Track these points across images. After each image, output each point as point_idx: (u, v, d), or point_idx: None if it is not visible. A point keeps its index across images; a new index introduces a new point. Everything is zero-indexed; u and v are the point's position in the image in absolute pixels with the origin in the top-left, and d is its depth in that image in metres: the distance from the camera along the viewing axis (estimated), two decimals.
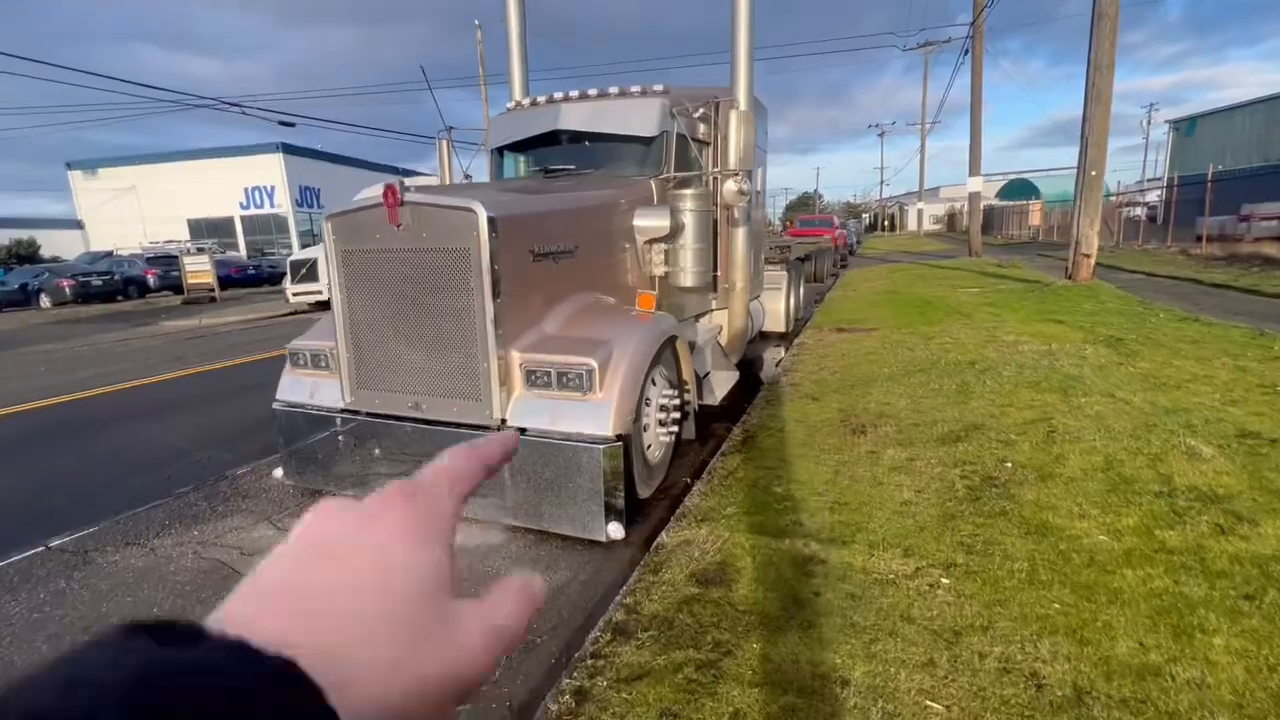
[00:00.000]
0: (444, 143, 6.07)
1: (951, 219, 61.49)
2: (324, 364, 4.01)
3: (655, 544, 3.14)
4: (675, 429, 3.96)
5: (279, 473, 4.20)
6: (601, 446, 3.22)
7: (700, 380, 4.90)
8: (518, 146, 5.69)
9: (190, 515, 3.94)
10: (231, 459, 4.91)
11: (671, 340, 4.08)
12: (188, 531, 3.73)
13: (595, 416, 3.31)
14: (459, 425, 3.55)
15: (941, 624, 2.22)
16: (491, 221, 3.25)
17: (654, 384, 3.90)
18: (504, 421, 3.45)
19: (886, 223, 75.21)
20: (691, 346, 4.87)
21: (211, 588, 3.09)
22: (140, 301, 21.94)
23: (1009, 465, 3.64)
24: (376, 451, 3.81)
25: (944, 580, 2.50)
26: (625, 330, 3.69)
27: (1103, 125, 11.15)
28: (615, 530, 3.30)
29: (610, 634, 2.37)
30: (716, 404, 5.19)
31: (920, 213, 57.10)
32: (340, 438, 3.92)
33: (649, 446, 3.85)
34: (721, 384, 5.47)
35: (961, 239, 37.73)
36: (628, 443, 3.41)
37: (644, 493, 3.79)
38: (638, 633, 2.34)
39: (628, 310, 4.07)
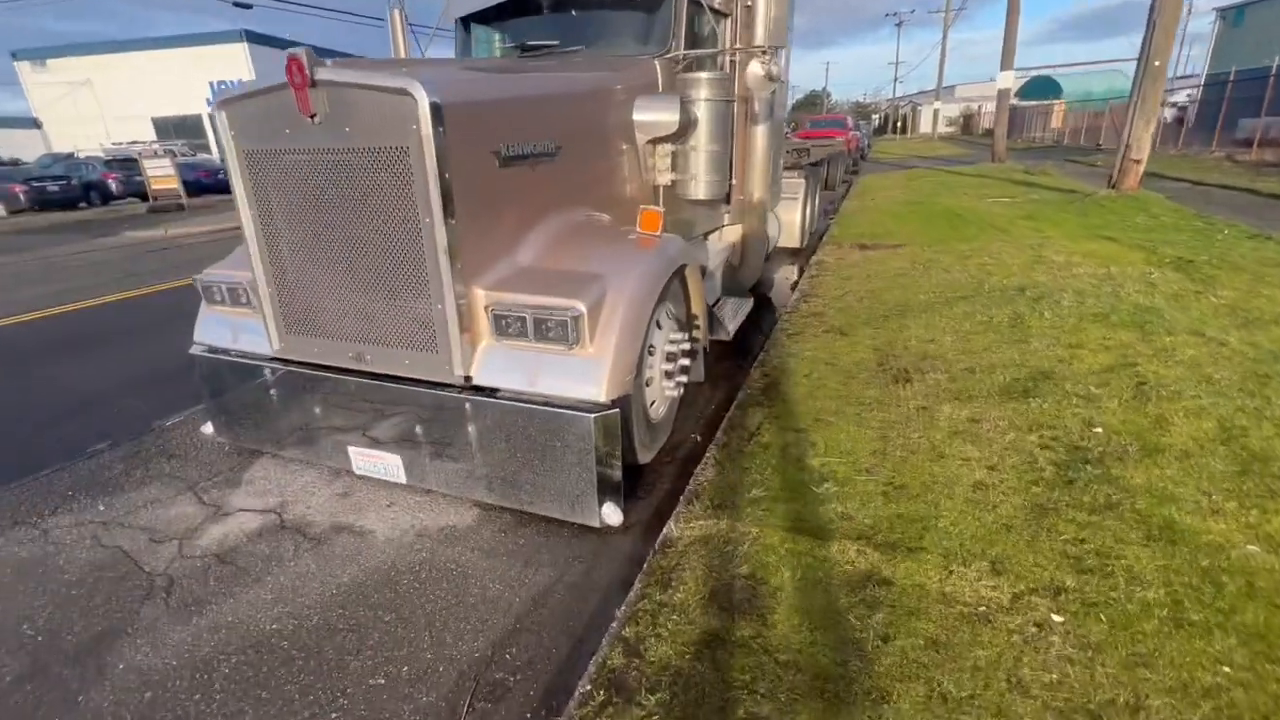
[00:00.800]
0: (396, 14, 4.89)
1: (968, 121, 57.90)
2: (244, 301, 3.20)
3: (663, 537, 2.49)
4: (684, 379, 3.22)
5: (208, 429, 3.49)
6: (593, 415, 2.49)
7: (710, 311, 4.10)
8: (487, 17, 4.55)
9: (100, 482, 3.28)
10: (163, 404, 4.20)
11: (681, 270, 3.25)
12: (93, 505, 3.07)
13: (585, 377, 2.55)
14: (414, 381, 2.80)
15: (1069, 699, 1.59)
16: (436, 110, 2.33)
17: (658, 327, 3.12)
18: (468, 379, 2.70)
19: (899, 124, 71.06)
20: (702, 272, 4.05)
21: (105, 593, 2.46)
22: (104, 209, 20.48)
23: (1099, 431, 2.94)
24: (318, 410, 3.09)
25: (1055, 617, 1.85)
26: (624, 261, 2.86)
27: (1175, 7, 9.64)
28: (611, 514, 2.64)
29: (604, 691, 1.74)
30: (729, 338, 4.42)
31: (936, 113, 53.62)
32: (273, 392, 3.18)
33: (651, 403, 3.13)
34: (734, 314, 4.68)
35: (979, 143, 35.45)
36: (626, 408, 2.69)
37: (644, 458, 3.11)
38: (641, 693, 1.71)
39: (626, 233, 3.20)
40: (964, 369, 3.82)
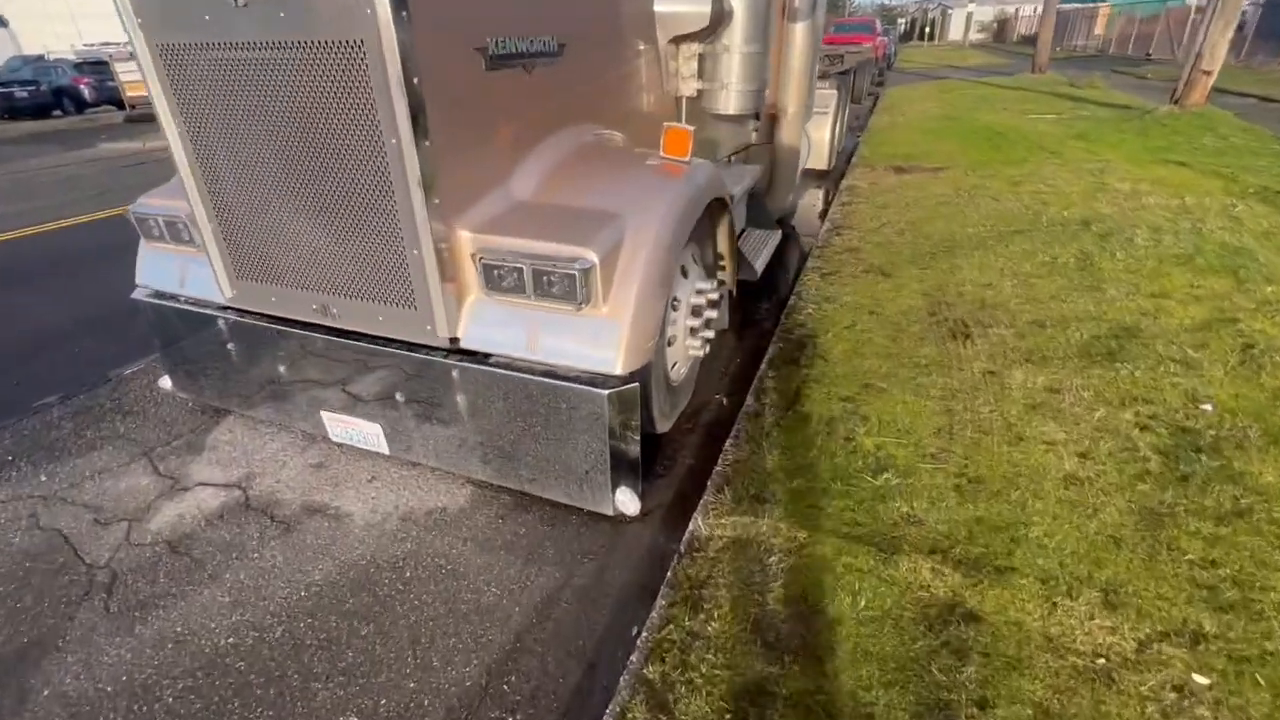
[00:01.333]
0: None
1: (1002, 27, 53.57)
2: (186, 237, 2.67)
3: (689, 536, 2.09)
4: (711, 334, 2.74)
5: (166, 383, 3.06)
6: (606, 392, 2.03)
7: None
8: None
9: (45, 445, 2.89)
10: (126, 347, 3.75)
11: (712, 204, 2.69)
12: (34, 475, 2.69)
13: (597, 344, 2.07)
14: (390, 342, 2.33)
15: None
16: None
17: (683, 276, 2.60)
18: (455, 341, 2.22)
19: (926, 30, 65.98)
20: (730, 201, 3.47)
21: (36, 590, 2.11)
22: (78, 118, 19.22)
23: (1207, 409, 2.47)
24: (282, 370, 2.64)
25: (1197, 679, 1.46)
26: (645, 195, 2.30)
27: None
28: (627, 503, 2.24)
29: None
30: (755, 278, 3.88)
31: (969, 18, 49.55)
32: (230, 346, 2.72)
33: (673, 365, 2.66)
34: (761, 250, 4.12)
35: (1015, 52, 32.81)
36: (646, 378, 2.22)
37: (663, 427, 2.68)
38: None
39: (645, 158, 2.61)
40: (1031, 322, 3.31)
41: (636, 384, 2.09)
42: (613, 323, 2.06)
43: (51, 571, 2.19)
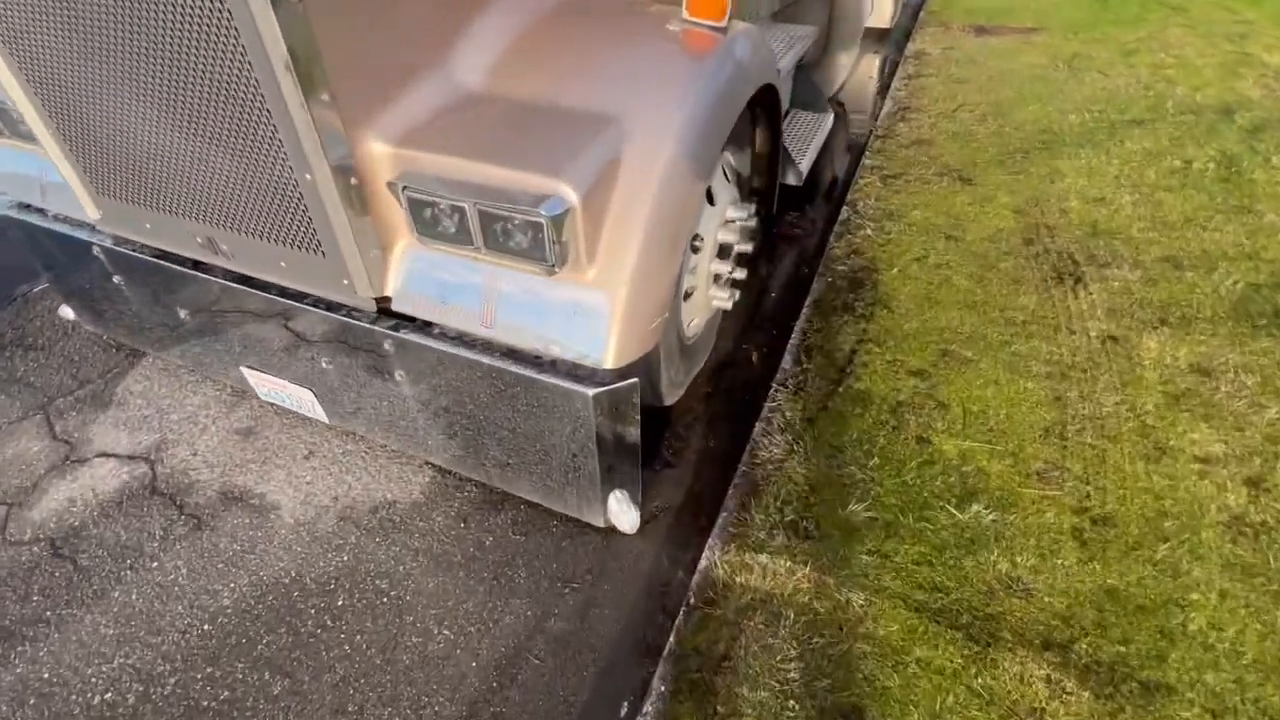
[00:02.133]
0: None
1: None
2: (25, 129, 1.95)
3: (701, 576, 1.57)
4: (742, 275, 2.04)
5: (67, 312, 2.49)
6: (592, 392, 1.41)
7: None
8: None
9: None
10: None
11: (757, 93, 1.87)
12: None
13: (578, 323, 1.41)
14: (303, 295, 1.69)
15: None
16: None
17: (709, 203, 1.86)
18: (385, 302, 1.59)
19: None
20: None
21: None
22: None
23: None
24: (183, 315, 2.03)
25: None
26: (659, 85, 1.52)
27: None
28: (622, 515, 1.70)
29: None
30: (799, 182, 3.06)
31: None
32: (116, 279, 2.10)
33: (689, 321, 2.00)
34: (809, 143, 3.25)
35: None
36: (652, 363, 1.59)
37: (671, 398, 2.07)
38: None
39: (658, 20, 1.75)
40: (1163, 259, 2.53)
41: (636, 381, 1.46)
42: (602, 294, 1.39)
43: None
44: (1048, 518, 1.55)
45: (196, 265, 1.84)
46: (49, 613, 1.67)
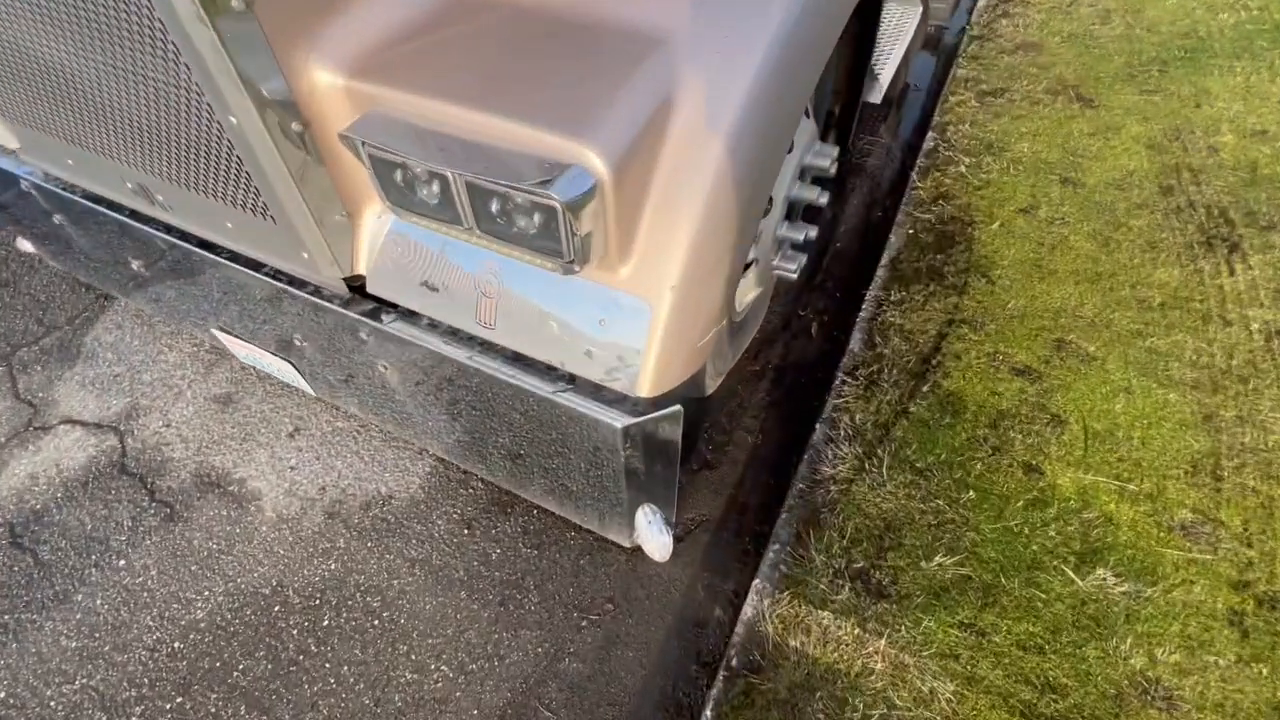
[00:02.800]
0: None
1: None
2: None
3: (747, 630, 1.30)
4: (813, 233, 1.62)
5: (26, 245, 2.18)
6: (620, 424, 1.07)
7: None
8: None
9: None
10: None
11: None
12: None
13: (605, 336, 1.05)
14: (258, 264, 1.35)
15: None
16: None
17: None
18: (358, 283, 1.23)
19: None
20: None
21: None
22: None
23: None
24: (136, 266, 1.70)
25: None
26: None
27: None
28: (653, 540, 1.40)
29: None
30: (879, 99, 2.50)
31: None
32: (57, 218, 1.76)
33: (744, 298, 1.60)
34: (891, 49, 2.64)
35: None
36: (698, 383, 1.23)
37: (713, 388, 1.72)
38: None
39: None
40: None
41: (679, 409, 1.11)
42: (639, 302, 1.01)
43: None
44: (1196, 593, 1.22)
45: (135, 215, 1.48)
46: (7, 617, 1.49)
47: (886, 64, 2.53)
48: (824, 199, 1.59)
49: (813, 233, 1.62)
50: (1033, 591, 1.24)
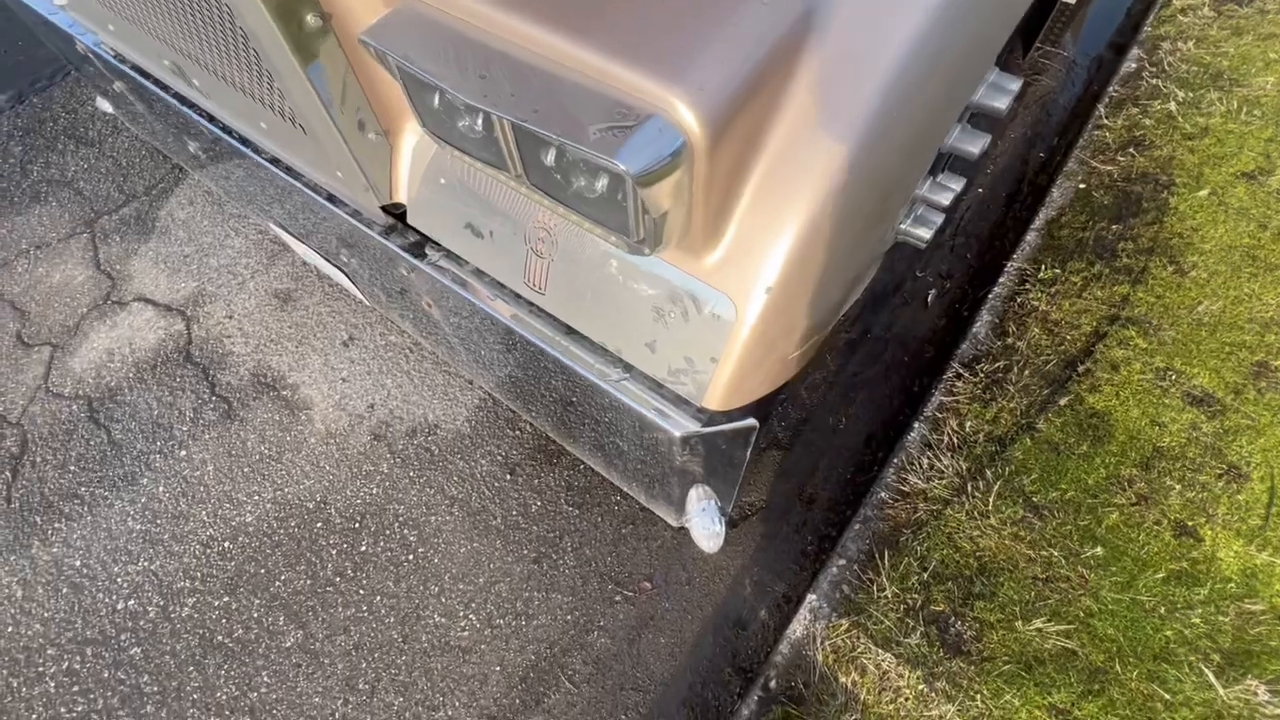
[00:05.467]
0: None
1: None
2: None
3: (792, 648, 1.17)
4: (960, 188, 1.28)
5: (105, 105, 2.12)
6: (679, 433, 0.88)
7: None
8: None
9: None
10: None
11: None
12: None
13: (676, 331, 0.83)
14: (294, 172, 1.19)
15: None
16: None
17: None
18: (399, 214, 1.06)
19: None
20: None
21: None
22: None
23: None
24: (193, 148, 1.59)
25: None
26: None
27: None
28: (701, 530, 1.27)
29: None
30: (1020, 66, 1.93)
31: None
32: (118, 86, 1.65)
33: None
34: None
35: None
36: (773, 400, 1.00)
37: (795, 369, 1.46)
38: None
39: None
40: None
41: (754, 424, 0.90)
42: (724, 300, 0.77)
43: None
44: None
45: (181, 99, 1.34)
46: (84, 490, 1.57)
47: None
48: (984, 145, 1.23)
49: (960, 187, 1.27)
50: (1154, 688, 1.02)
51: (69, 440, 1.64)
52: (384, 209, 1.06)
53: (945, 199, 1.17)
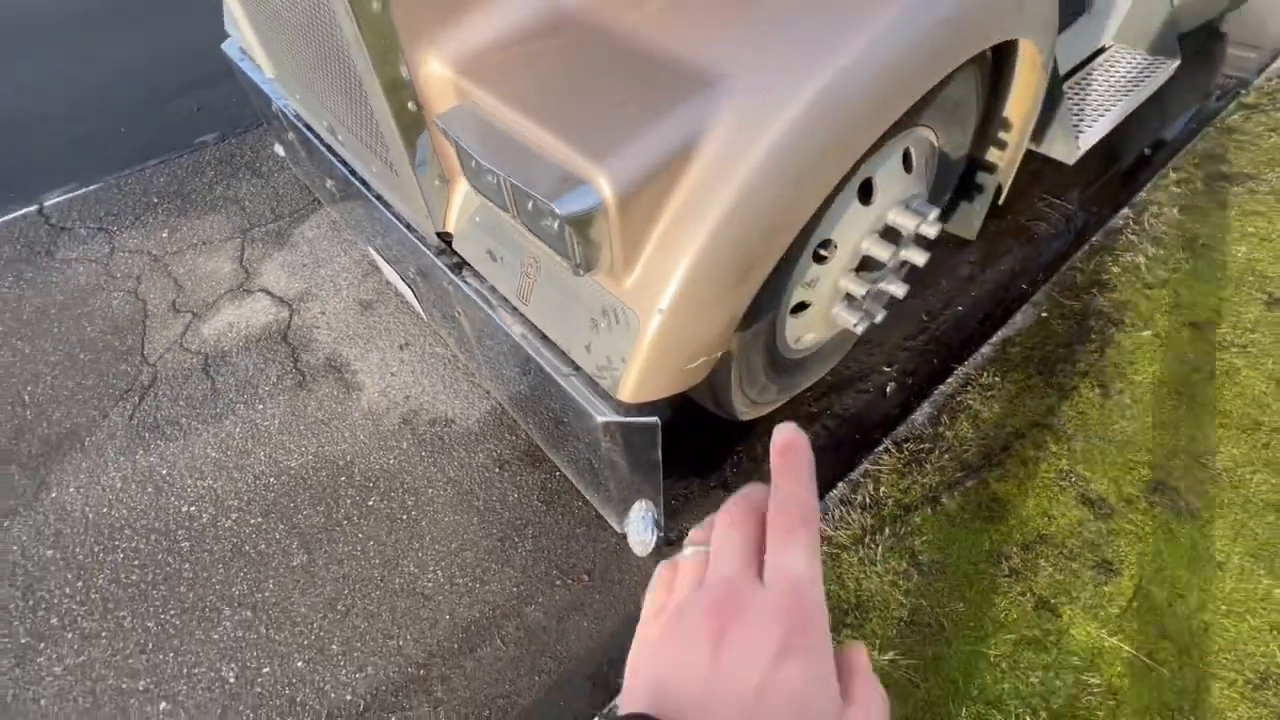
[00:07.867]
0: None
1: None
2: None
3: None
4: (897, 292, 1.54)
5: (280, 150, 2.80)
6: (601, 419, 1.18)
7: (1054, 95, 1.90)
8: None
9: (185, 192, 2.90)
10: None
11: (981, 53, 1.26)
12: (160, 228, 2.74)
13: (602, 335, 1.15)
14: (386, 204, 1.65)
15: None
16: None
17: (862, 202, 1.36)
18: (447, 238, 1.47)
19: None
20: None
21: (99, 372, 2.18)
22: None
23: None
24: (329, 185, 2.14)
25: None
26: (802, 33, 1.05)
27: None
28: (636, 535, 1.50)
29: None
30: (1073, 158, 2.20)
31: None
32: (290, 137, 2.25)
33: (798, 338, 1.59)
34: (1115, 98, 2.29)
35: None
36: (717, 382, 1.29)
37: (748, 415, 1.69)
38: None
39: None
40: None
41: (656, 422, 1.19)
42: (633, 315, 1.09)
43: (119, 353, 2.24)
44: None
45: (329, 148, 1.87)
46: (184, 419, 2.02)
47: (1095, 124, 2.24)
48: (915, 258, 1.50)
49: (898, 288, 1.54)
50: None
51: (184, 383, 2.12)
52: (439, 235, 1.47)
53: (861, 290, 1.45)
